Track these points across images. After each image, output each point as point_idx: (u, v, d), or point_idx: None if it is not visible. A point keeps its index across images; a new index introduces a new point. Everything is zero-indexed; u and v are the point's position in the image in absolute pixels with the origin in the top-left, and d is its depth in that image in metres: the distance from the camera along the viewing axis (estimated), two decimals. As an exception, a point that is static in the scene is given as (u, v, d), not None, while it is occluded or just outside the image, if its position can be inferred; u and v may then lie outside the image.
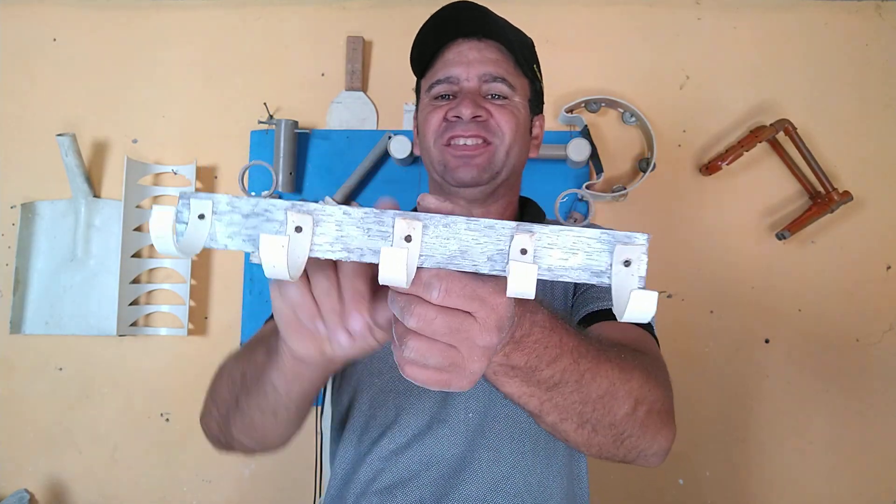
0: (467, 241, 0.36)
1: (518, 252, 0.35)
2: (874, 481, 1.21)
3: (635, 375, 0.53)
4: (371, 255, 0.36)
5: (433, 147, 0.77)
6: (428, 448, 0.70)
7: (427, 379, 0.38)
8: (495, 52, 0.77)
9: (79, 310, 1.28)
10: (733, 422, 1.23)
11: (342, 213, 0.36)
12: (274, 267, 0.34)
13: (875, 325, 1.23)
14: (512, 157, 0.77)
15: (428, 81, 0.80)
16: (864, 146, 1.27)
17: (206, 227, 0.36)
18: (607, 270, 0.36)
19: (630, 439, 0.54)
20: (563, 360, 0.46)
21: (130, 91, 1.36)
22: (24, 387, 1.30)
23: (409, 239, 0.35)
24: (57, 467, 1.28)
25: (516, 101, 0.78)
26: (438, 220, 0.36)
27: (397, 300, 0.36)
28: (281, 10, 1.36)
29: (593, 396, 0.49)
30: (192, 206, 0.36)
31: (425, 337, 0.36)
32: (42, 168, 1.33)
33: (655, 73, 1.31)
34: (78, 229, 1.30)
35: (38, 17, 1.38)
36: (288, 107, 1.33)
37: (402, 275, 0.34)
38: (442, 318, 0.35)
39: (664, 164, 1.27)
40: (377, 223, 0.35)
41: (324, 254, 0.35)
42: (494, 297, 0.36)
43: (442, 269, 0.36)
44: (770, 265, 1.25)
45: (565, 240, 0.36)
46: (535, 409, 0.49)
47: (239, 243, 0.36)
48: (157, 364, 1.30)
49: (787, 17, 1.30)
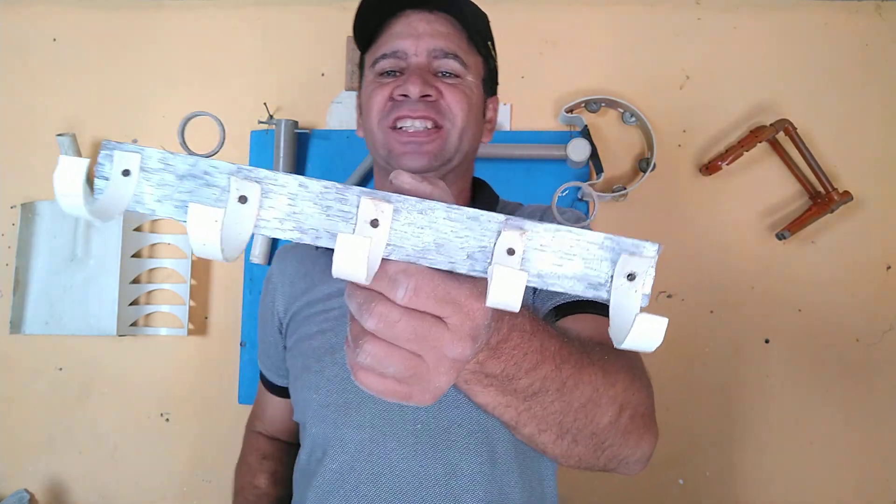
0: (445, 233, 0.30)
1: (504, 252, 0.30)
2: (874, 481, 1.21)
3: (619, 378, 0.49)
4: (328, 239, 0.30)
5: (377, 129, 0.70)
6: (376, 465, 0.64)
7: (383, 389, 0.32)
8: (447, 25, 0.70)
9: (79, 310, 1.28)
10: (733, 422, 1.23)
11: (297, 185, 0.30)
12: (204, 245, 0.28)
13: (875, 325, 1.23)
14: (465, 143, 0.71)
15: (372, 56, 0.73)
16: (864, 146, 1.27)
17: (132, 185, 0.30)
18: (606, 283, 0.31)
19: (611, 448, 0.50)
20: (544, 368, 0.41)
21: (130, 91, 1.36)
22: (24, 387, 1.30)
23: (376, 224, 0.29)
24: (57, 467, 1.28)
25: (469, 81, 0.71)
26: (413, 205, 0.30)
27: (355, 295, 0.31)
28: (281, 10, 1.35)
29: (575, 405, 0.44)
30: (116, 158, 0.30)
31: (385, 341, 0.31)
32: (42, 168, 1.33)
33: (655, 73, 1.31)
34: (78, 229, 1.30)
35: (38, 17, 1.38)
36: (288, 107, 1.33)
37: (361, 269, 0.28)
38: (407, 321, 0.30)
39: (664, 164, 1.27)
40: (339, 201, 0.30)
41: (271, 231, 0.30)
42: (471, 301, 0.31)
43: (412, 263, 0.30)
44: (770, 265, 1.25)
45: (562, 242, 0.31)
46: (511, 419, 0.43)
47: (169, 209, 0.31)
48: (157, 364, 1.30)
49: (787, 17, 1.30)
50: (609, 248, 0.31)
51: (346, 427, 0.67)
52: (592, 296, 0.31)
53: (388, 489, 0.63)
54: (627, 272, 0.30)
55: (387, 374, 0.32)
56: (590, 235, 0.31)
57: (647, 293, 0.31)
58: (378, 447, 0.65)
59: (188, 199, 0.30)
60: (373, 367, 0.31)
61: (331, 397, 0.68)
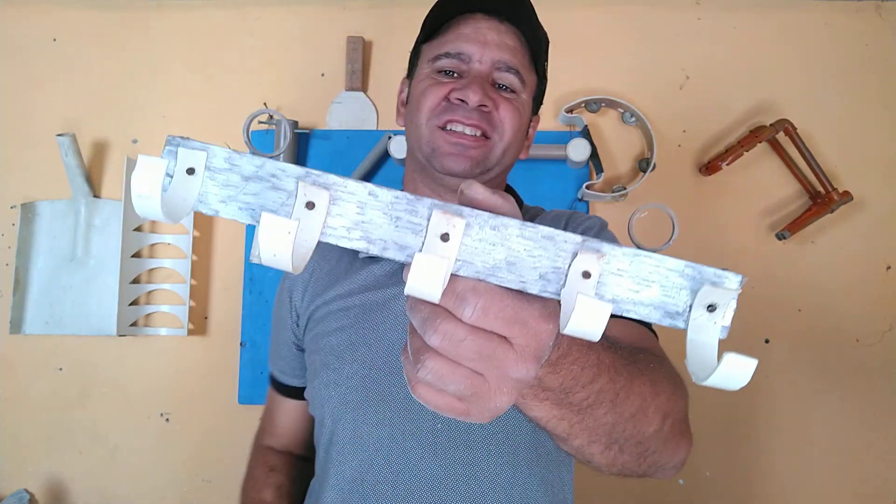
0: (518, 252, 0.29)
1: (579, 275, 0.29)
2: (874, 481, 1.21)
3: (665, 388, 0.49)
4: (395, 251, 0.29)
5: (424, 125, 0.70)
6: (394, 464, 0.64)
7: (442, 405, 0.32)
8: (514, 39, 0.70)
9: (79, 310, 1.28)
10: (733, 422, 1.23)
11: (367, 193, 0.29)
12: (275, 256, 0.27)
13: (875, 325, 1.23)
14: (507, 157, 0.71)
15: (434, 50, 0.72)
16: (864, 146, 1.27)
17: (196, 185, 0.29)
18: (684, 313, 0.30)
19: (653, 455, 0.50)
20: (600, 381, 0.41)
21: (130, 91, 1.36)
22: (24, 387, 1.30)
23: (447, 238, 0.28)
24: (57, 467, 1.28)
25: (523, 99, 0.72)
26: (486, 220, 0.29)
27: (418, 309, 0.30)
28: (281, 9, 1.36)
29: (626, 416, 0.44)
30: (181, 156, 0.29)
31: (447, 359, 0.30)
32: (42, 168, 1.33)
33: (655, 73, 1.31)
34: (78, 229, 1.30)
35: (38, 17, 1.38)
36: (288, 107, 1.33)
37: (437, 289, 0.27)
38: (472, 340, 0.29)
39: (664, 164, 1.27)
40: (409, 212, 0.29)
41: (337, 240, 0.29)
42: (540, 322, 0.30)
43: (481, 281, 0.29)
44: (770, 265, 1.25)
45: (640, 267, 0.29)
46: (564, 432, 0.43)
47: (234, 211, 0.29)
48: (157, 364, 1.30)
49: (787, 17, 1.30)
50: (689, 277, 0.30)
51: (365, 425, 0.66)
52: (669, 324, 0.30)
53: (406, 488, 0.63)
54: (707, 303, 0.29)
55: (446, 391, 0.31)
56: (670, 262, 0.30)
57: (726, 325, 0.29)
58: (397, 446, 0.64)
59: (253, 201, 0.29)
60: (433, 384, 0.31)
61: (350, 395, 0.68)
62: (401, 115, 0.79)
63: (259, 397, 1.26)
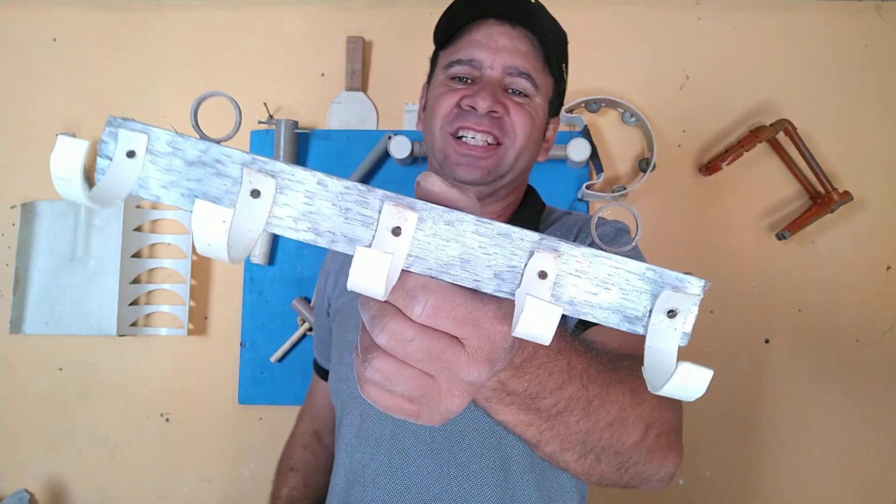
0: (472, 248, 0.28)
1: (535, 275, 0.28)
2: (874, 481, 1.20)
3: (647, 397, 0.47)
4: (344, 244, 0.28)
5: (438, 132, 0.71)
6: (394, 459, 0.66)
7: (391, 406, 0.31)
8: (527, 43, 0.70)
9: (79, 310, 1.28)
10: (733, 422, 1.23)
11: (316, 183, 0.27)
12: (209, 245, 0.26)
13: (875, 325, 1.23)
14: (521, 162, 0.72)
15: (448, 57, 0.73)
16: (864, 146, 1.27)
17: (136, 169, 0.28)
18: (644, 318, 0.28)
19: (635, 466, 0.49)
20: (570, 387, 0.39)
21: (130, 91, 1.36)
22: (24, 387, 1.30)
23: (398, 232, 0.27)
24: (57, 467, 1.28)
25: (537, 102, 0.72)
26: (440, 215, 0.28)
27: (368, 306, 0.29)
28: (281, 9, 1.35)
29: (601, 425, 0.43)
30: (121, 137, 0.28)
31: (396, 358, 0.29)
32: (42, 168, 1.33)
33: (655, 73, 1.31)
34: (78, 229, 1.30)
35: (38, 17, 1.38)
36: (288, 107, 1.33)
37: (379, 286, 0.26)
38: (421, 340, 0.28)
39: (664, 164, 1.27)
40: (360, 204, 0.28)
41: (283, 230, 0.28)
42: (493, 323, 0.29)
43: (432, 278, 0.28)
44: (770, 265, 1.25)
45: (599, 269, 0.28)
46: (533, 438, 0.42)
47: (176, 197, 0.28)
48: (157, 364, 1.30)
49: (787, 17, 1.30)
50: (650, 281, 0.28)
51: (371, 420, 0.69)
52: (627, 329, 0.29)
53: (403, 483, 0.65)
54: (668, 308, 0.28)
55: (395, 392, 0.30)
56: (631, 265, 0.28)
57: (687, 332, 0.28)
58: (398, 442, 0.66)
59: (196, 188, 0.28)
60: (380, 384, 0.30)
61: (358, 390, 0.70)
62: (420, 121, 0.80)
63: (259, 397, 1.26)
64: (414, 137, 1.22)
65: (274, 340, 1.26)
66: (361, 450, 0.69)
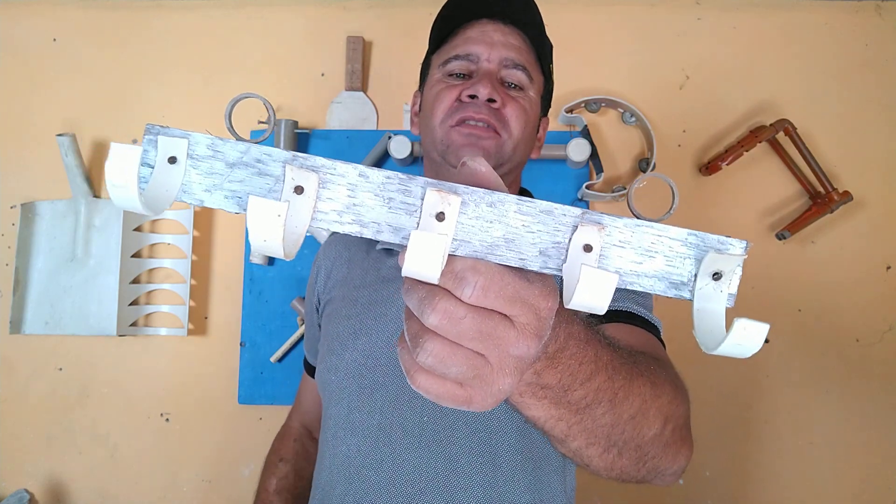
0: (516, 228, 0.28)
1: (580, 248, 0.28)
2: (874, 481, 1.21)
3: (666, 391, 0.48)
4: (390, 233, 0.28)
5: (439, 127, 0.72)
6: (380, 452, 0.66)
7: (443, 393, 0.30)
8: (519, 39, 0.73)
9: (79, 310, 1.28)
10: (733, 422, 1.23)
11: (357, 175, 0.28)
12: (265, 241, 0.26)
13: (875, 325, 1.23)
14: (517, 155, 0.73)
15: (443, 56, 0.75)
16: (864, 146, 1.27)
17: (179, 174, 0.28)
18: (689, 282, 0.29)
19: (653, 460, 0.49)
20: (598, 378, 0.40)
21: (130, 91, 1.36)
22: (24, 387, 1.30)
23: (442, 217, 0.27)
24: (57, 467, 1.28)
25: (531, 96, 0.74)
26: (482, 197, 0.28)
27: (415, 290, 0.29)
28: (281, 9, 1.35)
29: (624, 417, 0.43)
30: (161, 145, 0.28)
31: (448, 340, 0.29)
32: (42, 168, 1.33)
33: (655, 73, 1.31)
34: (78, 229, 1.30)
35: (38, 17, 1.38)
36: (288, 107, 1.33)
37: (435, 269, 0.26)
38: (473, 318, 0.28)
39: (664, 164, 1.27)
40: (402, 192, 0.28)
41: (328, 224, 0.28)
42: (540, 299, 0.29)
43: (479, 259, 0.28)
44: (770, 265, 1.25)
45: (642, 238, 0.29)
46: (561, 433, 0.42)
47: (219, 200, 0.28)
48: (157, 364, 1.30)
49: (787, 17, 1.30)
50: (693, 246, 0.29)
51: (358, 411, 0.68)
52: (674, 295, 0.29)
53: (388, 476, 0.64)
54: (713, 271, 0.29)
55: (448, 376, 0.30)
56: (673, 231, 0.29)
57: (733, 293, 0.29)
58: (385, 435, 0.66)
59: (239, 189, 0.28)
60: (434, 368, 0.29)
61: (347, 381, 0.70)
62: (415, 125, 0.82)
63: (259, 397, 1.26)
64: (414, 137, 1.23)
65: (274, 340, 1.26)
66: (347, 441, 0.68)
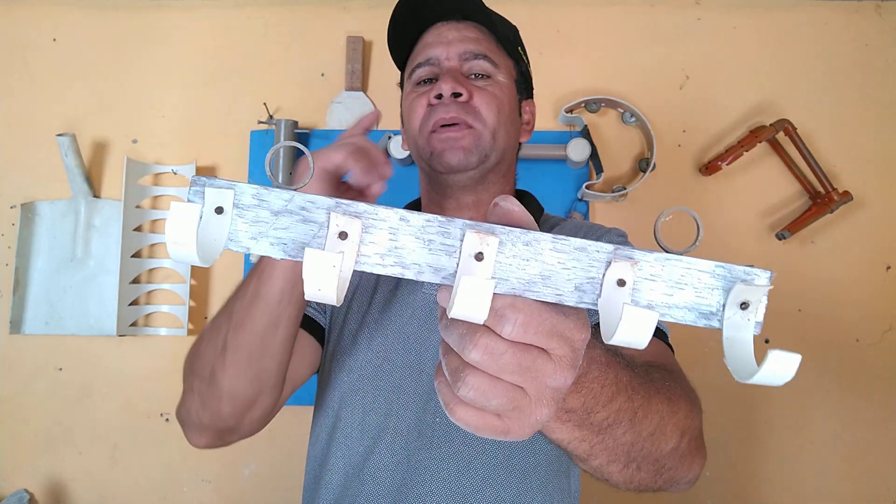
0: (552, 265, 0.29)
1: (614, 283, 0.29)
2: (874, 481, 1.21)
3: (682, 406, 0.50)
4: (431, 274, 0.29)
5: (419, 136, 0.73)
6: (395, 454, 0.66)
7: (482, 425, 0.31)
8: (475, 31, 0.75)
9: (79, 310, 1.28)
10: (733, 422, 1.23)
11: (398, 219, 0.29)
12: (319, 290, 0.27)
13: (875, 325, 1.23)
14: (500, 141, 0.73)
15: (409, 68, 0.77)
16: (864, 146, 1.27)
17: (226, 224, 0.29)
18: (718, 312, 0.30)
19: (669, 472, 0.50)
20: (619, 399, 0.41)
21: (130, 91, 1.36)
22: (24, 387, 1.30)
23: (481, 257, 0.29)
24: (57, 467, 1.28)
25: (500, 81, 0.74)
26: (518, 237, 0.29)
27: (454, 326, 0.30)
28: (281, 10, 1.36)
29: (644, 434, 0.45)
30: (208, 196, 0.29)
31: (488, 374, 0.30)
32: (42, 168, 1.33)
33: (655, 73, 1.31)
34: (78, 229, 1.30)
35: (38, 17, 1.38)
36: (288, 107, 1.33)
37: (483, 310, 0.27)
38: (513, 353, 0.29)
39: (664, 164, 1.27)
40: (442, 234, 0.29)
41: (371, 268, 0.29)
42: (576, 332, 0.31)
43: (518, 297, 0.29)
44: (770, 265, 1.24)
45: (672, 271, 0.30)
46: (585, 452, 0.43)
47: (265, 247, 0.29)
48: (157, 364, 1.29)
49: (787, 17, 1.30)
50: (720, 277, 0.31)
51: (373, 413, 0.68)
52: (704, 325, 0.31)
53: (401, 478, 0.64)
54: (741, 301, 0.30)
55: (488, 409, 0.31)
56: (701, 264, 0.31)
57: (759, 321, 0.30)
58: (400, 437, 0.66)
59: (285, 236, 0.29)
60: (475, 401, 0.30)
61: (361, 382, 0.70)
62: (405, 141, 0.82)
63: (259, 397, 1.26)
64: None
65: (274, 340, 1.26)
66: (363, 443, 0.68)
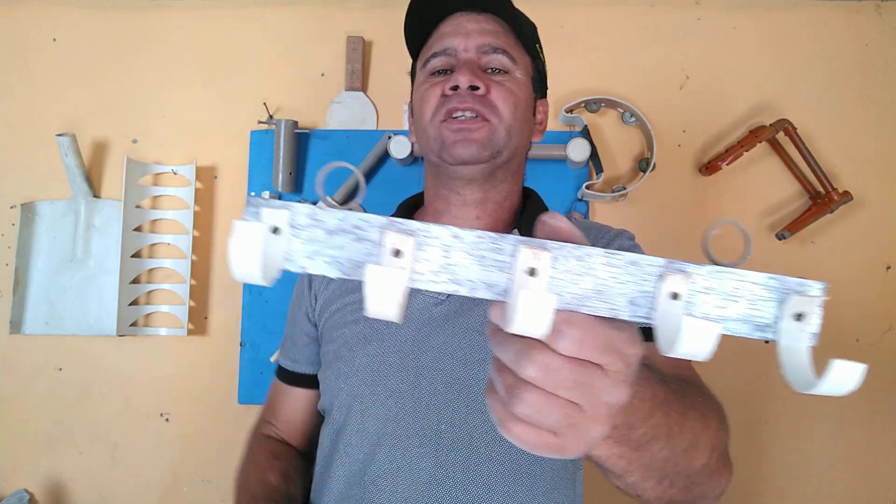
0: (605, 279, 0.29)
1: (668, 297, 0.29)
2: (874, 481, 1.21)
3: (712, 423, 0.50)
4: (484, 290, 0.29)
5: (430, 125, 0.72)
6: (396, 461, 0.64)
7: (538, 442, 0.31)
8: (494, 24, 0.73)
9: (79, 310, 1.28)
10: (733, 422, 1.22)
11: (451, 236, 0.29)
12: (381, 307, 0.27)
13: (875, 325, 1.23)
14: (514, 139, 0.71)
15: (423, 57, 0.75)
16: (864, 146, 1.27)
17: (283, 243, 0.29)
18: (772, 324, 0.31)
19: (699, 487, 0.50)
20: (657, 415, 0.41)
21: (130, 91, 1.36)
22: (24, 387, 1.30)
23: (534, 273, 0.28)
24: (57, 467, 1.28)
25: (518, 77, 0.72)
26: (570, 252, 0.29)
27: (508, 343, 0.30)
28: (281, 10, 1.35)
29: (678, 451, 0.44)
30: (265, 217, 0.29)
31: (544, 391, 0.30)
32: (42, 168, 1.33)
33: (655, 73, 1.31)
34: (78, 229, 1.30)
35: (38, 17, 1.38)
36: (288, 107, 1.33)
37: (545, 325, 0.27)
38: (569, 369, 0.29)
39: (664, 164, 1.27)
40: (494, 250, 0.29)
41: (425, 284, 0.29)
42: (629, 347, 0.30)
43: (572, 312, 0.29)
44: (770, 265, 1.25)
45: (725, 283, 0.30)
46: (622, 469, 0.42)
47: (321, 266, 0.30)
48: (157, 364, 1.30)
49: (787, 17, 1.30)
50: (773, 289, 0.31)
51: (372, 419, 0.67)
52: (759, 336, 0.31)
53: (404, 486, 0.63)
54: (795, 312, 0.30)
55: (543, 426, 0.30)
56: (753, 276, 0.31)
57: (815, 332, 0.30)
58: (401, 443, 0.65)
59: (339, 254, 0.30)
60: (530, 418, 0.30)
61: (359, 388, 0.68)
62: (412, 132, 0.81)
63: (259, 397, 1.26)
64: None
65: (274, 340, 1.26)
66: (363, 450, 0.67)
